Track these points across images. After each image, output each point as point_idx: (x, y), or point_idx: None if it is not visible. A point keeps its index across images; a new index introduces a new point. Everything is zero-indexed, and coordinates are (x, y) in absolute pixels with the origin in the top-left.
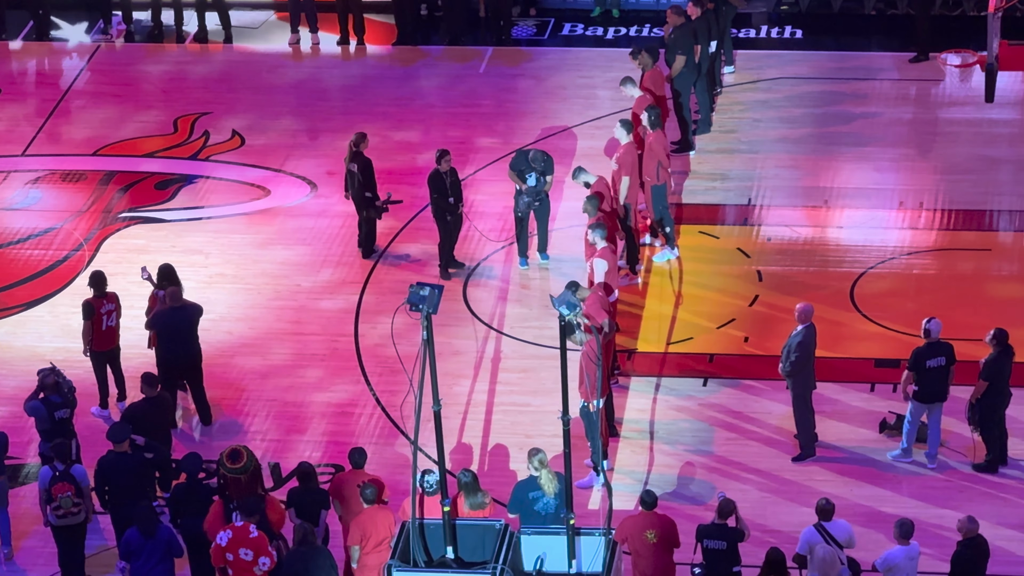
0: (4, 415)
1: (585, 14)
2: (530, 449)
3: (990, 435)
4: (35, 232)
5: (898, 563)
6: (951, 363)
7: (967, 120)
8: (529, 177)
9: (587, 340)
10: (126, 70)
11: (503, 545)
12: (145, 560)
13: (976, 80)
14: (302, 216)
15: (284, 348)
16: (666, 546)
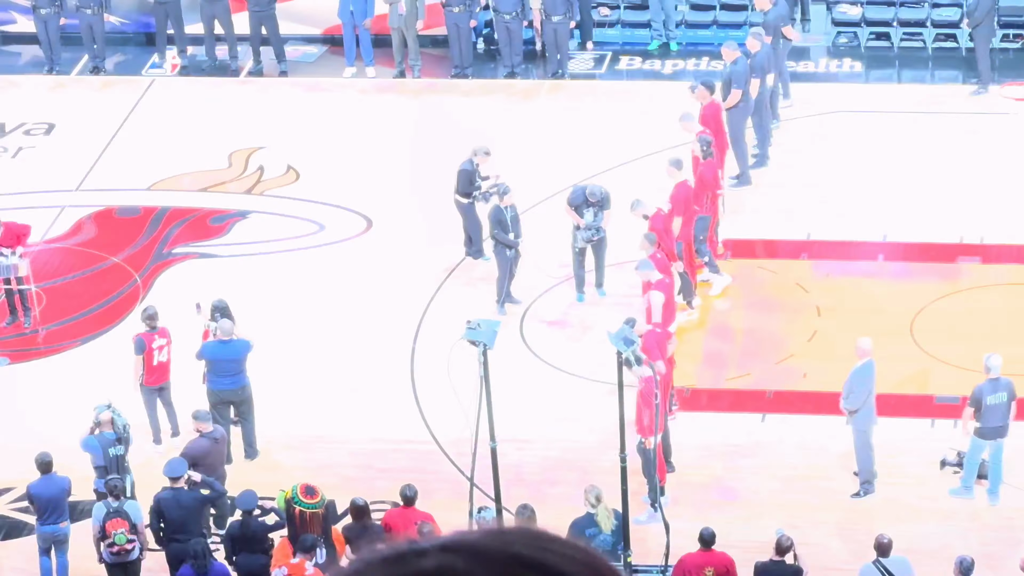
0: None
1: (642, 48)
2: (588, 486)
3: None
4: (89, 268)
5: None
6: (1012, 399)
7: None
8: (586, 212)
9: (644, 377)
10: (181, 105)
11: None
12: None
13: None
14: (360, 249)
15: (338, 383)
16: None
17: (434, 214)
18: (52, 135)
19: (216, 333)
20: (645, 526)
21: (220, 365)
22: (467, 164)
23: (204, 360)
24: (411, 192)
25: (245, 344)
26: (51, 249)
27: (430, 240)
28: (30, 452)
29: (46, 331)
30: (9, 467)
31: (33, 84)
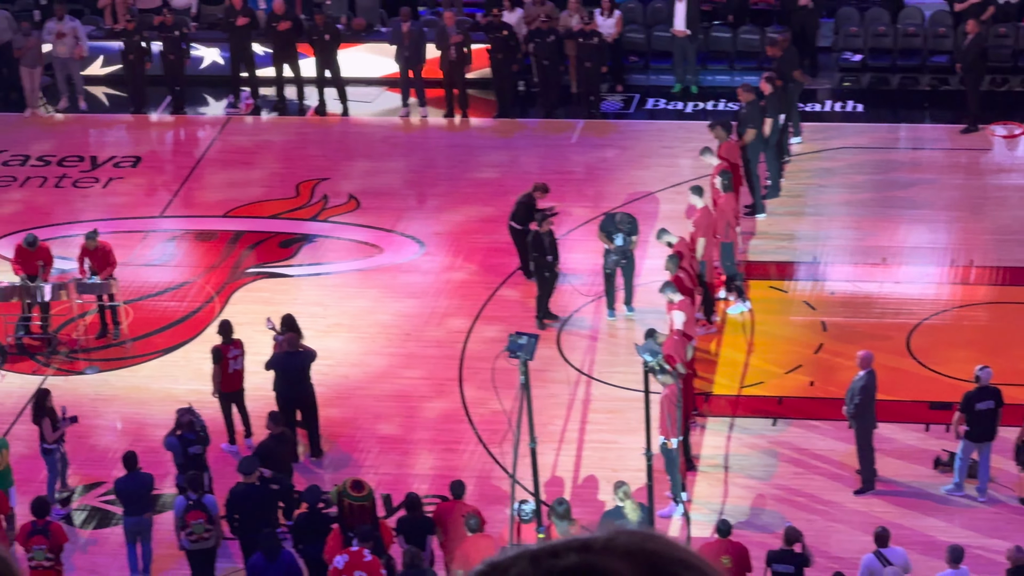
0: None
1: (667, 90)
2: (616, 482)
3: None
4: (171, 286)
5: None
6: (999, 406)
7: (1013, 186)
8: (616, 237)
9: (669, 383)
10: (253, 140)
11: None
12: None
13: (1022, 149)
14: (412, 272)
15: (394, 391)
16: (739, 571)
17: (479, 238)
18: (138, 167)
19: (283, 345)
20: (668, 518)
21: (287, 373)
22: (526, 197)
23: (272, 369)
24: (459, 219)
25: (309, 354)
26: (137, 269)
27: (475, 262)
28: (118, 451)
29: (133, 343)
30: (100, 465)
31: (121, 122)
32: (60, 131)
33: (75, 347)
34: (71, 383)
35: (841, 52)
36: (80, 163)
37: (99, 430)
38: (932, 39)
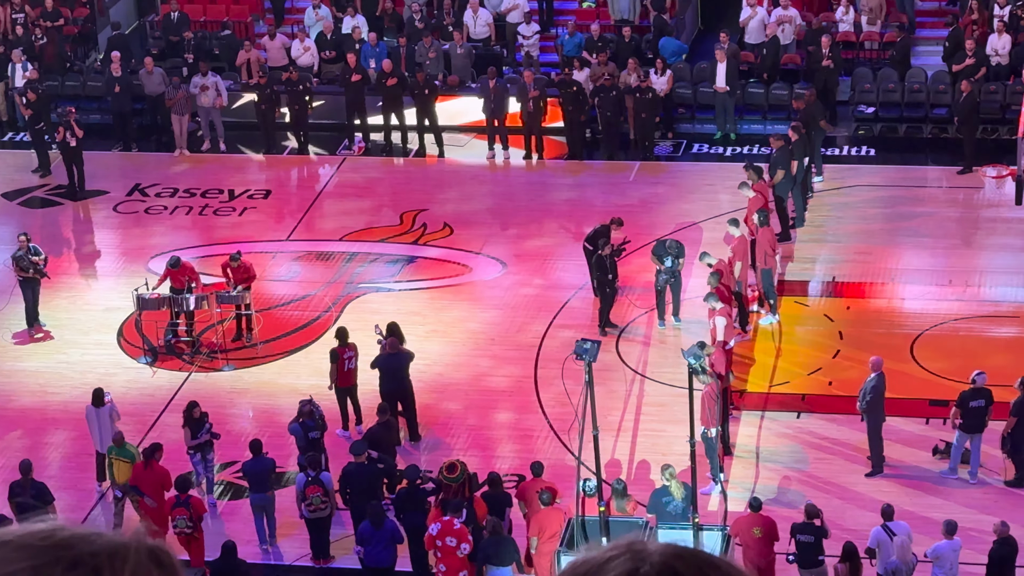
0: (270, 435)
1: (709, 137)
2: (663, 465)
3: (1019, 459)
4: (296, 297)
5: (944, 553)
6: (990, 404)
7: (1001, 218)
8: (666, 259)
9: (709, 382)
10: (364, 177)
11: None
12: (375, 545)
13: (1008, 188)
14: (496, 288)
15: (481, 387)
16: (768, 540)
17: (552, 259)
18: (268, 199)
19: (387, 347)
20: (708, 495)
21: (389, 372)
22: (603, 227)
23: (378, 368)
24: (535, 243)
25: (408, 355)
26: (267, 284)
27: (549, 279)
28: (249, 436)
29: (263, 345)
30: (235, 447)
31: (254, 161)
32: (203, 168)
33: (215, 348)
34: (211, 379)
35: (857, 105)
36: (220, 195)
37: (234, 418)
38: (933, 95)
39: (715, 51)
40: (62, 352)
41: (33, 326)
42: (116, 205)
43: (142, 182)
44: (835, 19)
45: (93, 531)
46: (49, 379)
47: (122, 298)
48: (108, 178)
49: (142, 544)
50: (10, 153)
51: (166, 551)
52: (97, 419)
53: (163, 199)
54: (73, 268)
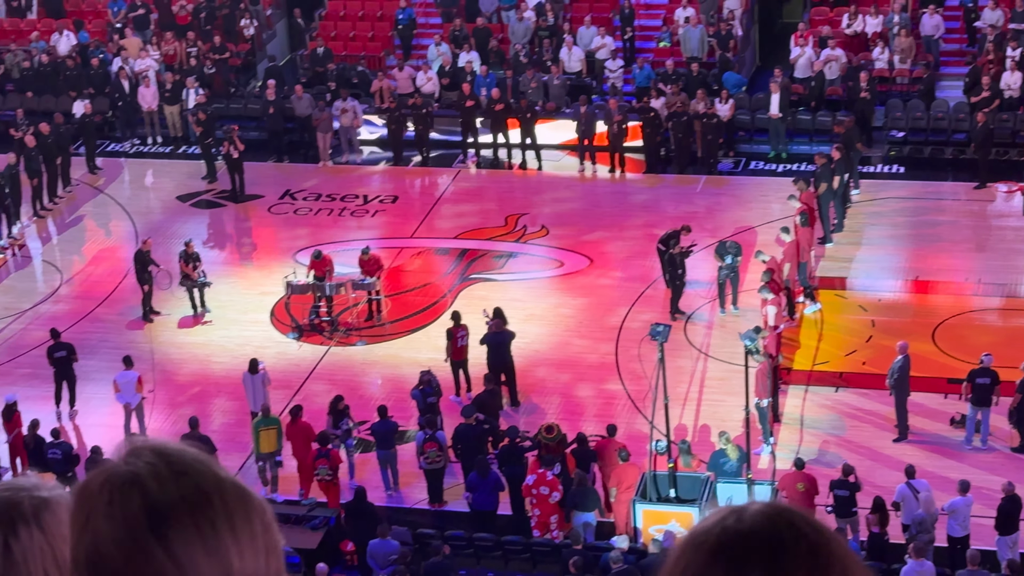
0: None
1: (764, 156)
2: (720, 431)
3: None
4: (418, 285)
5: (959, 507)
6: (996, 383)
7: (1011, 227)
8: (727, 257)
9: (761, 361)
10: (475, 186)
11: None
12: (480, 492)
13: (1017, 201)
14: (585, 278)
15: (571, 361)
16: (810, 494)
17: (632, 257)
18: (396, 203)
19: (493, 327)
20: (759, 455)
21: (495, 347)
22: (674, 231)
23: (485, 344)
24: (618, 242)
25: (511, 334)
26: (394, 272)
27: (629, 273)
28: (376, 402)
29: (390, 325)
30: (366, 409)
31: (385, 171)
32: (342, 177)
33: (350, 327)
34: (347, 352)
35: (889, 130)
36: (355, 199)
37: (365, 385)
38: (954, 122)
39: (770, 84)
40: (224, 328)
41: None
42: (270, 207)
43: (292, 188)
44: (872, 58)
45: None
46: (213, 351)
47: (274, 284)
48: (264, 185)
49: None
50: (184, 163)
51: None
52: (252, 384)
53: (309, 203)
54: (234, 259)
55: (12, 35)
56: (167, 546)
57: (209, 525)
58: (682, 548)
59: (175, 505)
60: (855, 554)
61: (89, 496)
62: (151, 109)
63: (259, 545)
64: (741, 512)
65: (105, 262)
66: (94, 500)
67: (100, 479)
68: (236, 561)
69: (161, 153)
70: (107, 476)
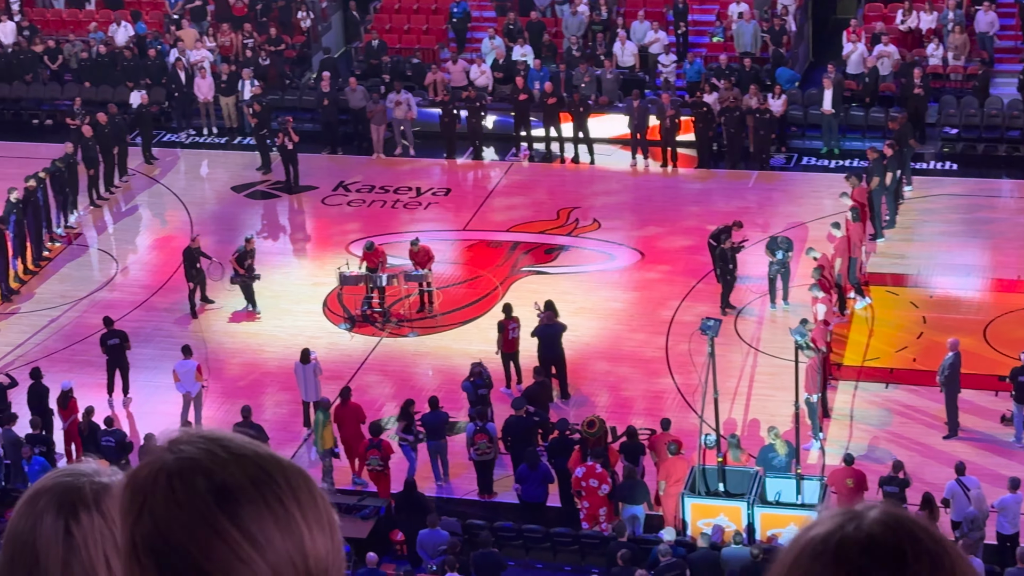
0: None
1: (816, 151)
2: (769, 426)
3: None
4: (468, 277)
5: (1009, 505)
6: None
7: None
8: (778, 253)
9: (812, 356)
10: (528, 179)
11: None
12: (530, 483)
13: None
14: (635, 272)
15: (621, 355)
16: (859, 489)
17: (683, 251)
18: (449, 196)
19: (544, 320)
20: (808, 451)
21: (546, 340)
22: (725, 227)
23: (536, 337)
24: (670, 236)
25: (562, 327)
26: (447, 266)
27: (680, 268)
28: (427, 393)
29: (441, 316)
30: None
31: (438, 164)
32: (395, 169)
33: (402, 318)
34: (398, 343)
35: (943, 127)
36: (408, 192)
37: (416, 376)
38: (1008, 119)
39: (823, 79)
40: (277, 318)
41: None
42: (324, 198)
43: (345, 180)
44: (926, 54)
45: None
46: (265, 340)
47: (327, 275)
48: (318, 176)
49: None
50: (239, 154)
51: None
52: (303, 374)
53: (362, 194)
54: (288, 250)
55: (71, 26)
56: (241, 525)
57: (278, 503)
58: (796, 555)
59: (242, 485)
60: (970, 564)
61: (142, 485)
62: (207, 100)
63: (324, 522)
64: (859, 519)
65: (160, 251)
66: (149, 488)
67: (153, 467)
68: (307, 537)
69: (216, 144)
70: (160, 464)
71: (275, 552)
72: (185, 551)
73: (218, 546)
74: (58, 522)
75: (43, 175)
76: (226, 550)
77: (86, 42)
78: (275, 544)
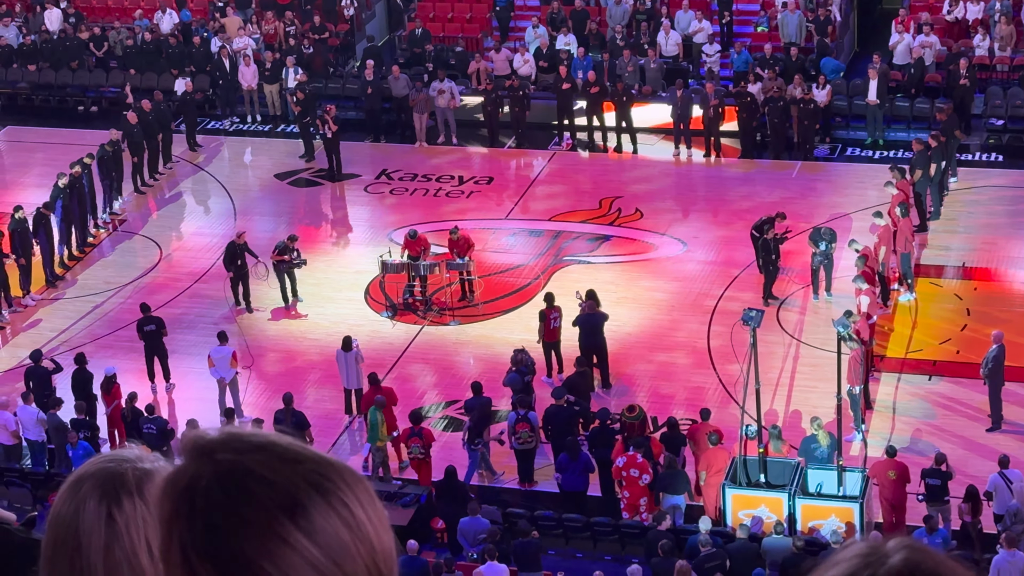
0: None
1: (861, 142)
2: (812, 416)
3: None
4: (511, 266)
5: None
6: None
7: None
8: (821, 244)
9: (854, 348)
10: (571, 168)
11: (796, 475)
12: (570, 473)
13: None
14: (678, 263)
15: (662, 345)
16: (901, 481)
17: (726, 241)
18: (491, 184)
19: (586, 309)
20: (851, 442)
21: (587, 329)
22: (769, 218)
23: (578, 326)
24: (713, 226)
25: (603, 316)
26: (488, 254)
27: (723, 258)
28: (469, 379)
29: (483, 305)
30: (457, 388)
31: (480, 153)
32: (439, 157)
33: (444, 307)
34: (440, 331)
35: (988, 118)
36: (451, 180)
37: (457, 364)
38: None
39: (868, 69)
40: (319, 306)
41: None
42: (366, 187)
43: (388, 168)
44: (972, 45)
45: None
46: (307, 328)
47: (369, 263)
48: (360, 164)
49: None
50: (282, 142)
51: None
52: (345, 361)
53: (404, 183)
54: (330, 237)
55: (116, 13)
56: (310, 531)
57: (342, 505)
58: None
59: (304, 490)
60: None
61: (187, 493)
62: (251, 88)
63: (384, 518)
64: (879, 563)
65: (204, 238)
66: (199, 498)
67: (196, 476)
68: (375, 537)
69: (260, 131)
70: (203, 472)
71: (351, 559)
72: (254, 563)
73: (290, 557)
74: (101, 507)
75: (88, 161)
76: (301, 561)
77: (131, 29)
78: (347, 548)
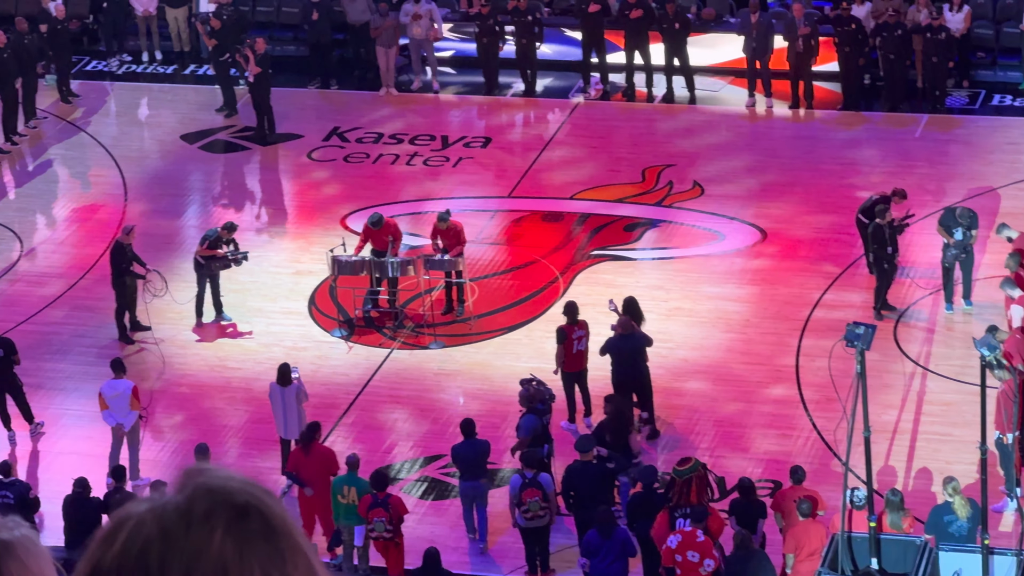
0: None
1: (1014, 87)
2: (946, 477)
3: None
4: (516, 265)
5: None
6: None
7: None
8: (956, 232)
9: (1006, 378)
10: (601, 125)
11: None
12: (603, 558)
13: None
14: (753, 259)
15: (731, 375)
16: None
17: (820, 228)
18: (487, 148)
19: (618, 328)
20: (1001, 513)
21: (621, 356)
22: (882, 197)
23: (610, 351)
24: (801, 208)
25: (644, 338)
26: (484, 248)
27: (815, 252)
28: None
29: (477, 320)
30: (440, 438)
31: (473, 103)
32: (413, 110)
33: (421, 322)
34: (415, 357)
35: None
36: (431, 142)
37: (441, 404)
38: None
39: None
40: (245, 321)
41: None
42: (311, 152)
43: (341, 125)
44: None
45: None
46: (230, 351)
47: (315, 260)
48: (302, 120)
49: None
50: (192, 88)
51: None
52: (282, 400)
53: (365, 145)
54: (260, 224)
55: None
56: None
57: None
58: None
59: (282, 516)
60: None
61: (166, 551)
62: (147, 13)
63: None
64: None
65: (83, 226)
66: (189, 547)
67: (170, 528)
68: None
69: (160, 74)
70: (169, 520)
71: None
72: None
73: None
74: None
75: None
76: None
77: None
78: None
